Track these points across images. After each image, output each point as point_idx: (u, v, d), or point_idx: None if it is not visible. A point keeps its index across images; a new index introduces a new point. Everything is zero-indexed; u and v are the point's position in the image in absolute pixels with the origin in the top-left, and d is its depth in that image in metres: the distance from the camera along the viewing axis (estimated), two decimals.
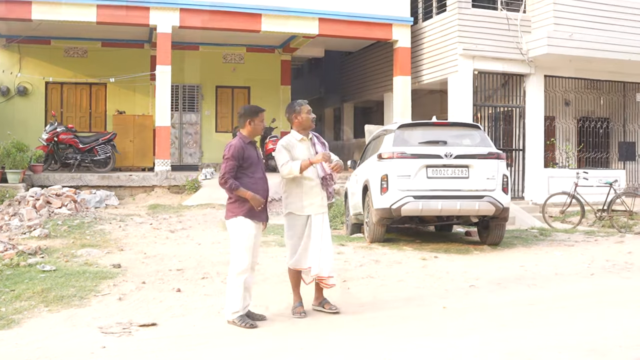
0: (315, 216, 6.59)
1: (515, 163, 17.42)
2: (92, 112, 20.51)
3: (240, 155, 6.21)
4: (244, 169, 6.26)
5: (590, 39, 16.63)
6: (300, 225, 6.60)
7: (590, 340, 5.73)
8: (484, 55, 16.89)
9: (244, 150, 6.24)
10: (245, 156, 6.25)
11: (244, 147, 6.27)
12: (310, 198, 6.58)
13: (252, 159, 6.33)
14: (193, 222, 12.32)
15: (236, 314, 6.11)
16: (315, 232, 6.56)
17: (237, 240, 6.24)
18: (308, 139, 6.70)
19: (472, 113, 16.91)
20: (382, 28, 17.90)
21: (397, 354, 5.33)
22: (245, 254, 6.19)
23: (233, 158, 6.18)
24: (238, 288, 6.14)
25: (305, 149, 6.62)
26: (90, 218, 12.00)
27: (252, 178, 6.30)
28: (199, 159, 21.09)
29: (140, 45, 20.58)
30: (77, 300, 6.91)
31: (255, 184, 6.30)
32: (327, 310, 6.66)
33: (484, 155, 10.30)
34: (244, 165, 6.25)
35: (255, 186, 6.28)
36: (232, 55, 21.70)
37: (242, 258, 6.19)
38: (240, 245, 6.21)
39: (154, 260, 8.99)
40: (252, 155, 6.36)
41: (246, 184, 6.23)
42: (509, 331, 6.05)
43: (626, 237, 12.32)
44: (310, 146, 6.65)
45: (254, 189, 6.24)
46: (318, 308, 6.74)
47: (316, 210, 6.59)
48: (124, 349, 5.44)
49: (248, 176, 6.28)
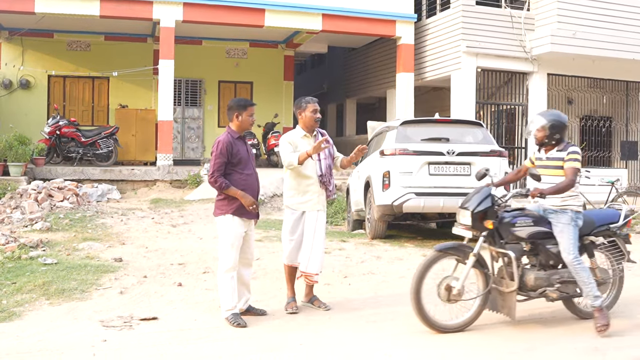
0: (310, 213, 6.57)
1: (518, 161, 17.41)
2: (95, 106, 20.51)
3: (229, 151, 6.07)
4: (233, 165, 6.12)
5: (593, 37, 16.61)
6: (295, 220, 6.60)
7: (589, 339, 5.75)
8: (487, 53, 16.86)
9: (232, 146, 6.09)
10: (234, 152, 6.10)
11: (233, 142, 6.12)
12: (307, 195, 6.58)
13: (241, 154, 6.17)
14: (195, 217, 12.32)
15: (229, 312, 6.08)
16: (308, 229, 6.55)
17: (224, 238, 6.15)
18: (312, 136, 6.66)
19: (474, 111, 16.89)
20: (386, 24, 17.88)
21: (399, 350, 5.34)
22: (232, 252, 6.11)
23: (221, 155, 6.04)
24: (227, 285, 6.10)
25: (308, 145, 6.56)
26: (92, 212, 12.00)
27: (242, 174, 6.17)
28: (201, 153, 21.08)
29: (143, 39, 20.57)
30: (78, 293, 6.92)
31: (245, 180, 6.17)
32: (316, 306, 6.68)
33: (486, 153, 10.31)
34: (234, 162, 6.11)
35: (246, 183, 6.16)
36: (235, 50, 21.69)
37: (228, 256, 6.12)
38: (227, 243, 6.13)
39: (156, 254, 9.00)
40: (242, 151, 6.20)
41: (236, 180, 6.11)
42: (502, 328, 6.06)
43: None
44: (312, 143, 6.57)
45: (245, 186, 6.13)
46: (308, 305, 6.75)
47: (311, 208, 6.58)
48: (124, 342, 5.45)
49: (238, 172, 6.15)
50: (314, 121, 6.64)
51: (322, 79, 27.44)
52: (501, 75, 17.68)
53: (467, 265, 5.86)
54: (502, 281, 6.02)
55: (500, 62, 17.12)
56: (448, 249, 5.95)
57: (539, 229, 6.00)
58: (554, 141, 6.10)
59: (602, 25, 16.93)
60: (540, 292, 5.96)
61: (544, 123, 6.08)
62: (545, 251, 6.03)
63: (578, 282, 5.87)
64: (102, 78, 20.16)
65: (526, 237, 5.97)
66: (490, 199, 5.93)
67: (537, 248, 6.06)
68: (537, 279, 5.93)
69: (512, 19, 17.03)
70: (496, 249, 6.00)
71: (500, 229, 5.93)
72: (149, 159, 18.47)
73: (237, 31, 19.22)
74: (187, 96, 21.21)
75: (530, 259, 6.17)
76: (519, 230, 5.94)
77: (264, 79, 21.80)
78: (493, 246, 6.02)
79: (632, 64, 17.59)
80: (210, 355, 5.16)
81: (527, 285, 5.95)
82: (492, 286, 6.02)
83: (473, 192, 6.11)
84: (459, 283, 5.81)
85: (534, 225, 5.98)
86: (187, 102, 21.21)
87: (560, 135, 6.09)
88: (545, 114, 6.23)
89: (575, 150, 5.99)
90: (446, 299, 5.85)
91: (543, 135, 6.11)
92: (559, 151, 6.07)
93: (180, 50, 17.81)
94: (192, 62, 20.37)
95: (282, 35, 20.68)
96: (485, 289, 5.98)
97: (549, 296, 5.98)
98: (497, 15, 17.07)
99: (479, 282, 6.06)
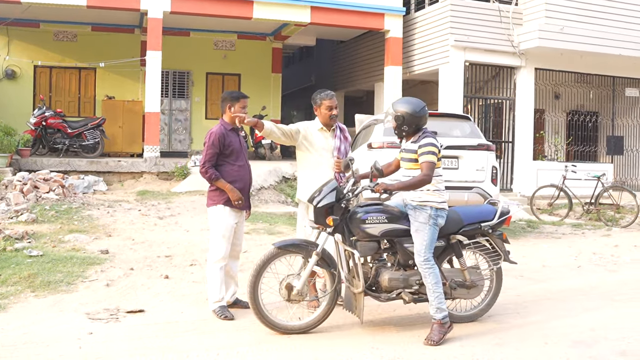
0: None
1: (505, 155, 17.47)
2: (81, 97, 20.36)
3: (221, 142, 6.11)
4: (225, 156, 6.16)
5: (581, 32, 16.67)
6: (302, 211, 6.49)
7: (576, 331, 5.78)
8: (475, 47, 16.88)
9: (224, 137, 6.14)
10: (227, 143, 6.14)
11: (225, 134, 6.16)
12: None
13: (234, 145, 6.21)
14: (182, 209, 12.28)
15: (216, 304, 6.10)
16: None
17: (216, 228, 6.18)
18: (329, 130, 6.45)
19: (462, 104, 16.93)
20: (374, 17, 17.84)
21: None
22: (223, 242, 6.14)
23: (213, 146, 6.08)
24: (216, 276, 6.11)
25: (323, 138, 6.40)
26: (78, 203, 11.94)
27: (234, 166, 6.21)
28: (188, 145, 21.01)
29: (131, 30, 20.44)
30: (64, 285, 6.89)
31: (238, 171, 6.22)
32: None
33: (473, 147, 10.32)
34: (226, 153, 6.15)
35: (238, 174, 6.20)
36: (223, 42, 21.61)
37: (219, 246, 6.15)
38: (218, 234, 6.16)
39: (142, 246, 8.97)
40: (234, 142, 6.23)
41: (228, 171, 6.15)
42: (497, 321, 6.08)
43: (613, 231, 12.41)
44: (329, 137, 6.42)
45: (237, 177, 6.17)
46: None
47: None
48: (111, 335, 5.43)
49: (230, 164, 6.19)
50: (330, 118, 6.39)
51: (310, 72, 27.41)
52: (489, 69, 17.71)
53: (309, 265, 5.55)
54: (353, 281, 5.66)
55: (488, 56, 17.14)
56: (288, 246, 5.63)
57: (394, 227, 5.60)
58: (403, 132, 5.70)
59: (590, 20, 16.99)
60: (397, 293, 5.61)
61: (392, 113, 5.70)
62: (403, 250, 5.63)
63: (426, 287, 5.50)
64: (89, 69, 20.00)
65: (378, 234, 5.56)
66: (334, 193, 5.54)
67: (395, 247, 5.69)
68: (391, 279, 5.58)
69: (500, 13, 17.06)
70: (345, 246, 5.66)
71: (351, 225, 5.58)
72: (135, 151, 18.36)
73: (225, 23, 19.13)
74: (175, 88, 21.11)
75: (389, 258, 5.82)
76: (370, 228, 5.53)
77: (252, 71, 21.73)
78: (344, 243, 5.66)
79: (619, 59, 17.67)
80: (197, 348, 5.14)
81: (382, 286, 5.62)
82: (346, 285, 5.77)
83: (321, 185, 5.71)
84: (300, 283, 5.53)
85: (388, 222, 5.58)
86: (175, 94, 21.11)
87: (409, 127, 5.64)
88: (396, 103, 5.76)
89: (428, 142, 5.54)
90: (287, 298, 5.56)
91: (394, 126, 5.74)
92: (413, 142, 5.65)
93: (167, 41, 17.70)
94: (179, 54, 20.28)
95: (270, 28, 20.61)
96: (331, 289, 5.65)
97: (404, 298, 5.63)
98: (486, 9, 17.10)
99: (327, 281, 5.76)
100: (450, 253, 5.93)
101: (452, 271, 5.98)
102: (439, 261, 5.78)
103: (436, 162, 5.59)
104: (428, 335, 5.41)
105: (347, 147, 6.55)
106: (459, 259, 5.93)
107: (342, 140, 6.48)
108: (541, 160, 17.85)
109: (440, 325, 5.44)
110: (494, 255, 6.10)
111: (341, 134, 6.50)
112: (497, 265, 6.13)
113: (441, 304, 5.48)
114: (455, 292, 5.84)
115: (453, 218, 5.83)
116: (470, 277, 5.91)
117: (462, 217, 5.92)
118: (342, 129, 6.56)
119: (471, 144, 10.34)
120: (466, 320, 6.03)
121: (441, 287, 5.51)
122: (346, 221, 5.61)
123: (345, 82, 23.73)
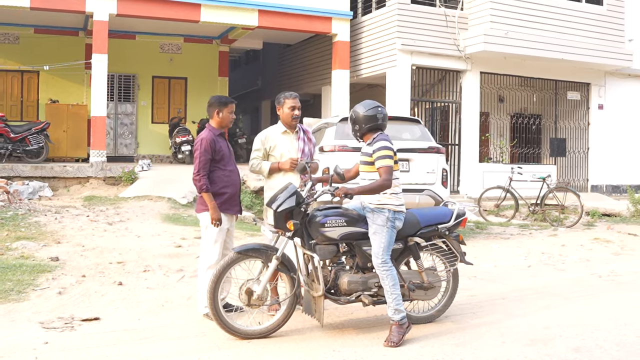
0: None
1: (451, 157, 17.72)
2: (24, 101, 19.86)
3: (213, 148, 6.10)
4: (216, 161, 6.15)
5: (525, 37, 17.09)
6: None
7: (531, 330, 5.91)
8: (422, 51, 17.11)
9: (215, 143, 6.13)
10: (217, 148, 6.14)
11: (215, 139, 6.16)
12: None
13: (223, 150, 6.22)
14: (131, 214, 12.09)
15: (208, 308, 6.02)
16: None
17: (208, 234, 6.15)
18: (293, 133, 6.51)
19: (409, 107, 17.13)
20: (322, 21, 17.91)
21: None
22: (216, 247, 6.12)
23: (205, 152, 6.05)
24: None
25: (288, 141, 6.46)
26: (25, 210, 11.66)
27: (225, 170, 6.21)
28: (135, 150, 20.73)
29: (75, 32, 20.05)
30: (14, 294, 6.72)
31: (229, 176, 6.23)
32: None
33: (424, 150, 10.43)
34: (216, 158, 6.14)
35: (229, 179, 6.21)
36: (169, 45, 21.40)
37: (212, 252, 6.12)
38: (210, 239, 6.13)
39: (93, 253, 8.80)
40: (223, 147, 6.25)
41: (220, 177, 6.15)
42: (454, 321, 6.17)
43: (559, 231, 12.71)
44: (293, 139, 6.48)
45: (228, 182, 6.18)
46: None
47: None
48: (67, 344, 5.33)
49: (221, 169, 6.19)
50: (292, 118, 6.42)
51: (257, 75, 27.36)
52: (435, 73, 17.96)
53: (269, 269, 5.58)
54: (313, 284, 5.67)
55: (435, 60, 17.40)
56: (248, 251, 5.63)
57: (353, 230, 5.65)
58: (357, 133, 5.79)
59: (533, 25, 17.43)
60: (356, 296, 5.67)
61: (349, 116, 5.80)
62: (362, 253, 5.69)
63: (384, 289, 5.56)
64: (32, 72, 19.53)
65: (337, 238, 5.59)
66: (294, 197, 5.55)
67: (353, 250, 5.74)
68: (350, 282, 5.62)
69: (446, 17, 17.34)
70: (305, 250, 5.68)
71: (310, 229, 5.60)
72: (81, 156, 18.04)
73: (171, 26, 18.94)
74: (120, 91, 20.78)
75: (347, 261, 5.84)
76: (329, 231, 5.55)
77: (199, 75, 21.58)
78: (303, 247, 5.68)
79: (561, 64, 18.15)
80: (157, 355, 5.08)
81: (341, 289, 5.66)
82: (305, 289, 5.79)
83: (280, 190, 5.73)
84: (260, 287, 5.54)
85: (347, 226, 5.61)
86: (120, 98, 20.78)
87: (360, 127, 5.75)
88: (355, 106, 5.86)
89: (382, 145, 5.61)
90: (247, 303, 5.57)
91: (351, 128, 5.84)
92: (368, 145, 5.73)
93: (113, 44, 17.41)
94: (125, 57, 19.98)
95: (217, 31, 20.50)
96: (290, 293, 5.66)
97: (363, 301, 5.69)
98: (432, 14, 17.34)
99: (287, 285, 5.76)
100: (407, 255, 6.00)
101: (410, 273, 6.04)
102: (396, 263, 5.86)
103: (393, 165, 5.64)
104: (388, 337, 5.46)
105: (312, 149, 6.60)
106: (416, 260, 5.99)
107: (305, 142, 6.53)
108: (487, 162, 18.17)
109: (399, 326, 5.49)
110: (450, 256, 6.19)
111: (305, 136, 6.56)
112: (453, 266, 6.22)
113: (399, 305, 5.53)
114: (413, 293, 5.91)
115: (410, 220, 5.90)
116: (428, 278, 5.99)
117: (420, 219, 5.99)
118: (306, 131, 6.61)
119: (422, 147, 10.45)
120: (424, 321, 6.12)
121: (399, 289, 5.56)
122: (305, 225, 5.63)
123: (292, 86, 23.71)
